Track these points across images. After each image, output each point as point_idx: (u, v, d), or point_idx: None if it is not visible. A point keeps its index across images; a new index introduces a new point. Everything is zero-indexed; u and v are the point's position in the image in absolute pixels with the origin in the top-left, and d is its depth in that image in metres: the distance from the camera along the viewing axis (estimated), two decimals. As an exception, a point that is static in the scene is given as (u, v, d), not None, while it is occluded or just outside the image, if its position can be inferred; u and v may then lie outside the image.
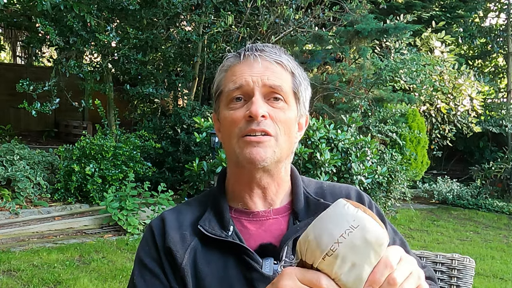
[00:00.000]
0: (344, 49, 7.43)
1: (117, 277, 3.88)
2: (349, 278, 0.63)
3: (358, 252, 0.63)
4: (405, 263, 0.66)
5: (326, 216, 0.67)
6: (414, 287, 0.67)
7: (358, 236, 0.63)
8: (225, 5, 7.92)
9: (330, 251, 0.63)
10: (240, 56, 0.95)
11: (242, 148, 0.90)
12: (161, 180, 6.64)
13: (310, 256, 0.65)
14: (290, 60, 0.97)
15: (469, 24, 13.24)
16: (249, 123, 0.90)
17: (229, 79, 0.95)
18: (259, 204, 0.96)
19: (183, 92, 8.76)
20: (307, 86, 1.00)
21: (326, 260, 0.63)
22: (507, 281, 4.40)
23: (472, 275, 1.21)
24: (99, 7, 6.70)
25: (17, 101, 6.42)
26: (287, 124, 0.93)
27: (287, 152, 0.96)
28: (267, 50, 0.95)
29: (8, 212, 5.28)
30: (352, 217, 0.65)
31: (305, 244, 0.66)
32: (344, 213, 0.66)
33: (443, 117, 9.48)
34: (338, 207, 0.67)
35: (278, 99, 0.92)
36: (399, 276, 0.65)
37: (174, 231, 0.93)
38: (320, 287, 0.63)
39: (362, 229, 0.64)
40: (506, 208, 7.81)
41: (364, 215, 0.65)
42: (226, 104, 0.94)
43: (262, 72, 0.92)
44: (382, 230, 0.66)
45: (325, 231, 0.65)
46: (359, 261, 0.63)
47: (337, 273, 0.63)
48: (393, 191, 5.62)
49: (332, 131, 5.06)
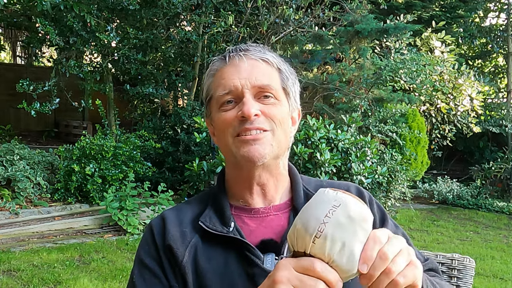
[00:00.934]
0: (344, 49, 7.43)
1: (117, 277, 3.89)
2: (342, 258, 0.65)
3: (345, 230, 0.65)
4: (394, 240, 0.68)
5: (309, 204, 0.70)
6: (406, 263, 0.68)
7: (341, 213, 0.66)
8: (225, 5, 7.92)
9: (318, 233, 0.65)
10: (226, 58, 0.95)
11: (239, 148, 0.91)
12: (161, 180, 6.64)
13: (301, 244, 0.67)
14: (275, 57, 0.97)
15: (469, 24, 13.23)
16: (242, 122, 0.90)
17: (217, 83, 0.95)
18: (259, 201, 0.97)
19: (183, 92, 8.75)
20: (295, 81, 1.00)
21: (317, 243, 0.65)
22: (507, 281, 4.40)
23: (472, 275, 1.22)
24: (99, 7, 6.70)
25: (17, 101, 6.42)
26: (281, 118, 0.93)
27: (285, 146, 0.96)
28: (251, 49, 0.95)
29: (8, 212, 5.28)
30: (333, 198, 0.68)
31: (294, 235, 0.68)
32: (325, 197, 0.69)
33: (443, 117, 9.48)
34: (319, 195, 0.70)
35: (268, 97, 0.93)
36: (389, 250, 0.66)
37: (174, 229, 0.93)
38: (315, 271, 0.64)
39: (344, 206, 0.67)
40: (506, 208, 7.81)
41: (344, 195, 0.69)
42: (218, 108, 0.94)
43: (249, 72, 0.92)
44: (364, 206, 0.69)
45: (311, 216, 0.67)
46: (348, 239, 0.65)
47: (329, 254, 0.65)
48: (393, 191, 5.62)
49: (332, 131, 5.06)
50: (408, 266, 0.68)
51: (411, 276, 0.68)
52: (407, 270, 0.67)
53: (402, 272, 0.67)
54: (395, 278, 0.66)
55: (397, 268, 0.66)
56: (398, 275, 0.66)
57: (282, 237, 0.91)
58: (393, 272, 0.66)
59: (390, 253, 0.66)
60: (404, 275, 0.67)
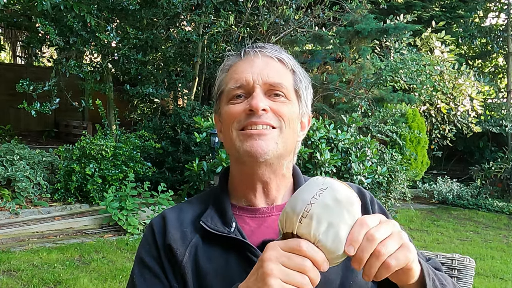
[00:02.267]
0: (344, 49, 7.43)
1: (117, 277, 3.89)
2: (327, 238, 0.66)
3: (331, 212, 0.67)
4: (384, 225, 0.68)
5: (299, 190, 0.72)
6: (398, 245, 0.68)
7: (328, 196, 0.68)
8: (225, 5, 7.92)
9: (304, 213, 0.67)
10: (241, 54, 0.95)
11: (242, 142, 0.90)
12: (161, 180, 6.64)
13: (289, 225, 0.69)
14: (290, 58, 0.97)
15: (469, 24, 13.22)
16: (249, 116, 0.89)
17: (230, 77, 0.94)
18: (261, 200, 0.96)
19: (183, 92, 8.75)
20: (308, 85, 0.99)
21: (303, 223, 0.67)
22: (507, 281, 4.40)
23: (472, 275, 1.21)
24: (99, 7, 6.70)
25: (17, 101, 6.42)
26: (290, 118, 0.92)
27: (291, 146, 0.95)
28: (268, 47, 0.96)
29: (8, 212, 5.28)
30: (322, 181, 0.70)
31: (283, 217, 0.71)
32: (313, 182, 0.71)
33: (443, 117, 9.48)
34: (309, 181, 0.73)
35: (279, 95, 0.92)
36: (377, 233, 0.66)
37: (174, 229, 0.93)
38: (301, 250, 0.66)
39: (331, 189, 0.69)
40: (506, 208, 7.81)
41: (332, 180, 0.71)
42: (227, 101, 0.94)
43: (262, 68, 0.92)
44: (351, 191, 0.70)
45: (299, 199, 0.70)
46: (335, 221, 0.67)
47: (315, 234, 0.66)
48: (393, 191, 5.62)
49: (332, 131, 5.07)
50: (400, 249, 0.68)
51: (403, 258, 0.67)
52: (398, 253, 0.67)
53: (393, 254, 0.67)
54: (386, 260, 0.66)
55: (387, 250, 0.66)
56: (389, 257, 0.66)
57: None
58: (383, 254, 0.66)
59: (378, 235, 0.66)
60: (396, 257, 0.67)
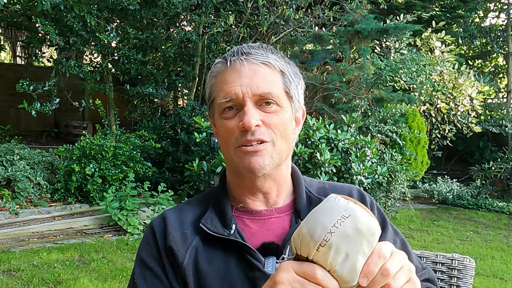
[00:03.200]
0: (344, 49, 7.44)
1: (117, 277, 3.88)
2: (343, 269, 0.65)
3: (351, 242, 0.64)
4: (396, 256, 0.68)
5: (318, 210, 0.68)
6: (406, 279, 0.68)
7: (349, 225, 0.65)
8: (225, 5, 7.92)
9: (323, 241, 0.64)
10: (227, 61, 0.94)
11: (240, 158, 0.91)
12: (161, 180, 6.64)
13: (305, 249, 0.66)
14: (277, 59, 0.95)
15: (469, 24, 13.22)
16: (243, 133, 0.89)
17: (219, 87, 0.93)
18: (261, 205, 0.97)
19: (183, 92, 8.75)
20: (299, 82, 0.99)
21: (320, 251, 0.65)
22: (507, 281, 4.40)
23: (472, 275, 1.21)
24: (99, 7, 6.70)
25: (17, 101, 6.42)
26: (282, 127, 0.92)
27: (286, 153, 0.96)
28: (253, 53, 0.93)
29: (8, 212, 5.28)
30: (343, 207, 0.66)
31: (299, 238, 0.67)
32: (335, 205, 0.67)
33: (443, 117, 9.49)
34: (329, 201, 0.68)
35: (270, 103, 0.91)
36: (392, 267, 0.66)
37: (175, 230, 0.93)
38: (315, 278, 0.64)
39: (353, 218, 0.65)
40: (506, 208, 7.81)
41: (355, 205, 0.67)
42: (219, 114, 0.94)
43: (250, 77, 0.91)
44: (374, 220, 0.67)
45: (318, 223, 0.66)
46: (353, 251, 0.65)
47: (331, 264, 0.65)
48: (393, 191, 5.63)
49: (332, 131, 5.06)
50: (408, 283, 0.68)
51: None
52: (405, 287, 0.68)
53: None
54: None
55: (397, 284, 0.66)
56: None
57: (283, 240, 0.91)
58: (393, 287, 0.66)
59: (392, 270, 0.66)
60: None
